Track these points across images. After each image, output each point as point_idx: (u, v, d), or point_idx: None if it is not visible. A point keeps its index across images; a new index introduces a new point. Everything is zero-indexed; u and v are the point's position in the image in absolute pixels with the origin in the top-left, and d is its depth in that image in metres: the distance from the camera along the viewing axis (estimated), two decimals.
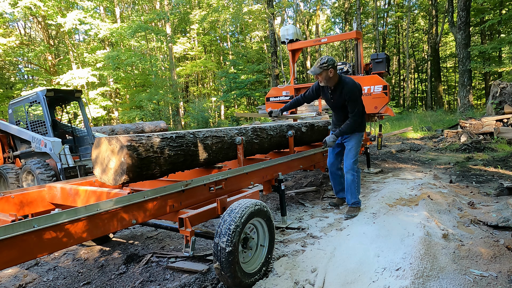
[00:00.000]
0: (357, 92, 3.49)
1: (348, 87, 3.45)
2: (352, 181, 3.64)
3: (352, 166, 3.63)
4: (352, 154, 3.64)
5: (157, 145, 2.44)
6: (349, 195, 3.70)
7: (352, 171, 3.63)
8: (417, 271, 2.15)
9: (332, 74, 3.43)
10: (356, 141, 3.67)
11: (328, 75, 3.43)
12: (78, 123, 14.87)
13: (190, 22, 23.56)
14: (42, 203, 2.76)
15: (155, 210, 2.25)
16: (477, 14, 19.16)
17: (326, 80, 3.47)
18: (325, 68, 3.40)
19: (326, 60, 3.40)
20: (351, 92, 3.44)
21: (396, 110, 21.32)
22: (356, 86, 3.49)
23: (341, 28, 32.30)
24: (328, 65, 3.39)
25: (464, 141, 8.76)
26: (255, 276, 2.33)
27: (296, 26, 7.01)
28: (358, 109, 3.51)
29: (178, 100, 22.10)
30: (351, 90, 3.44)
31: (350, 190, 3.67)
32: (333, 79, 3.47)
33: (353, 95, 3.45)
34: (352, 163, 3.63)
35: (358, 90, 3.50)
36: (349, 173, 3.64)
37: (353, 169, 3.63)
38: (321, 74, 3.44)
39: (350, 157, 3.65)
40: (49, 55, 20.45)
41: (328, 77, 3.44)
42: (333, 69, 3.41)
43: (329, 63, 3.39)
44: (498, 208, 3.42)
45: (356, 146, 3.65)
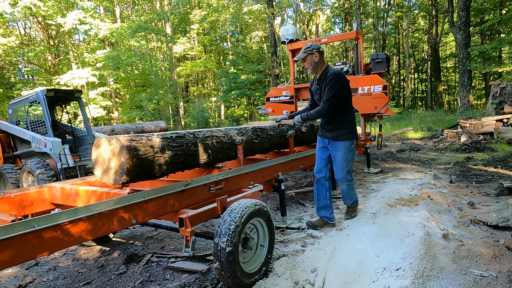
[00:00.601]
0: (338, 80, 3.12)
1: (330, 73, 3.16)
2: (347, 190, 3.43)
3: (346, 177, 3.35)
4: (343, 164, 3.31)
5: (157, 145, 2.44)
6: (347, 199, 3.52)
7: (346, 181, 3.37)
8: (417, 271, 2.15)
9: (318, 59, 3.20)
10: (344, 151, 3.30)
11: (313, 59, 3.20)
12: (78, 123, 14.87)
13: (190, 22, 23.56)
14: (42, 203, 2.76)
15: (155, 210, 2.25)
16: (477, 14, 19.16)
17: (312, 67, 3.24)
18: (309, 52, 3.18)
19: (311, 45, 3.21)
20: (330, 78, 3.13)
21: (396, 110, 21.32)
22: (339, 74, 3.16)
23: (341, 28, 32.31)
24: (313, 49, 3.17)
25: (464, 141, 8.76)
26: (255, 276, 2.33)
27: (296, 26, 7.01)
28: (332, 97, 3.11)
29: (178, 100, 22.10)
30: (332, 76, 3.13)
31: (347, 195, 3.48)
32: (319, 65, 3.24)
33: (331, 81, 3.12)
34: (346, 174, 3.34)
35: (341, 79, 3.15)
36: (343, 183, 3.39)
37: (346, 179, 3.37)
38: (306, 60, 3.23)
39: (342, 167, 3.32)
40: (49, 55, 20.46)
41: (314, 63, 3.21)
42: (318, 54, 3.18)
43: (314, 47, 3.19)
44: (498, 208, 3.42)
45: (345, 156, 3.29)
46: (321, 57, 3.22)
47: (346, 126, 3.29)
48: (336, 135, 3.30)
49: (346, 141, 3.29)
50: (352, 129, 3.32)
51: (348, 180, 3.38)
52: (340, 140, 3.30)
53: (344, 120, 3.30)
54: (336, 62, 6.74)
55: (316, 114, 3.25)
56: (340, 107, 3.24)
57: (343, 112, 3.29)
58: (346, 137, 3.29)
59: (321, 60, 3.24)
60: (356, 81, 5.98)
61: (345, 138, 3.28)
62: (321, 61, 3.23)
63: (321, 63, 3.24)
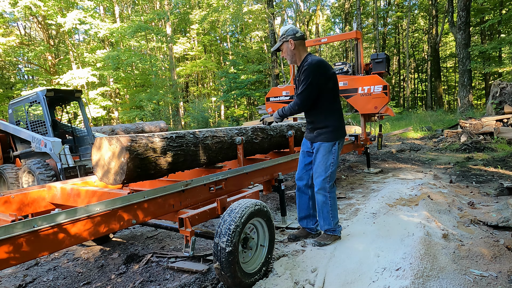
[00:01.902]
0: (313, 70, 2.65)
1: (307, 62, 2.70)
2: (323, 203, 2.84)
3: (323, 185, 2.80)
4: (320, 170, 2.81)
5: (157, 145, 2.44)
6: (321, 220, 2.91)
7: (322, 191, 2.82)
8: (417, 271, 2.15)
9: (294, 47, 2.76)
10: (322, 153, 2.81)
11: (289, 47, 2.77)
12: (78, 123, 14.87)
13: (190, 22, 23.57)
14: (42, 203, 2.76)
15: (155, 210, 2.25)
16: (477, 14, 19.18)
17: (290, 56, 2.81)
18: (284, 40, 2.78)
19: (285, 31, 2.78)
20: (305, 68, 2.67)
21: (396, 110, 21.33)
22: (316, 62, 2.67)
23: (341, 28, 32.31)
24: (287, 36, 2.75)
25: (464, 141, 8.76)
26: (255, 276, 2.33)
27: (296, 26, 7.01)
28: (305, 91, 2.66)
29: (178, 100, 22.12)
30: (306, 66, 2.68)
31: (322, 213, 2.88)
32: (297, 54, 2.79)
33: (305, 71, 2.66)
34: (322, 181, 2.80)
35: (317, 67, 2.66)
36: (319, 194, 2.85)
37: (324, 189, 2.81)
38: (282, 49, 2.84)
39: (319, 173, 2.82)
40: (49, 55, 20.46)
41: (290, 51, 2.78)
42: (293, 40, 2.74)
43: (288, 33, 2.75)
44: (498, 208, 3.43)
45: (323, 160, 2.79)
46: (298, 44, 2.77)
47: (326, 125, 2.82)
48: (316, 135, 2.88)
49: (325, 142, 2.81)
50: (333, 128, 2.81)
51: (325, 191, 2.81)
52: (318, 141, 2.85)
53: (324, 117, 2.83)
54: (336, 62, 6.74)
55: (288, 110, 2.85)
56: (318, 101, 2.78)
57: (323, 107, 2.81)
58: (325, 137, 2.81)
59: (299, 48, 2.79)
60: (356, 81, 5.99)
61: (323, 138, 2.82)
62: (298, 48, 2.79)
63: (299, 51, 2.79)
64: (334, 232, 2.89)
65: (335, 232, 2.90)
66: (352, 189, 5.08)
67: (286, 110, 2.90)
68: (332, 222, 2.86)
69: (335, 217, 2.88)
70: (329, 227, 2.88)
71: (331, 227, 2.88)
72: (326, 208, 2.83)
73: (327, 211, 2.84)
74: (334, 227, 2.89)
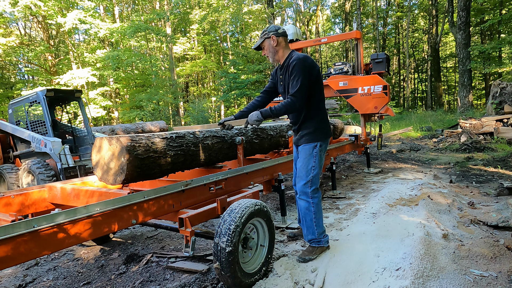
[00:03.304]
0: (304, 66, 2.50)
1: (295, 58, 2.55)
2: (306, 210, 2.65)
3: (304, 190, 2.63)
4: (301, 174, 2.65)
5: (157, 145, 2.44)
6: (304, 229, 2.72)
7: (304, 196, 2.65)
8: (417, 271, 2.15)
9: (276, 43, 2.62)
10: (304, 156, 2.65)
11: (271, 44, 2.63)
12: (78, 123, 14.87)
13: (190, 22, 23.58)
14: (42, 203, 2.76)
15: (155, 210, 2.25)
16: (477, 14, 19.18)
17: (272, 54, 2.67)
18: (265, 37, 2.64)
19: (267, 28, 2.66)
20: (295, 63, 2.51)
21: (396, 110, 21.33)
22: (304, 58, 2.54)
23: (341, 28, 32.31)
24: (269, 32, 2.62)
25: (464, 141, 8.76)
26: (255, 276, 2.33)
27: (296, 26, 7.01)
28: (300, 87, 2.48)
29: (178, 100, 22.12)
30: (296, 61, 2.52)
31: (305, 221, 2.68)
32: (279, 51, 2.66)
33: (295, 68, 2.50)
34: (303, 186, 2.63)
35: (309, 65, 2.53)
36: (301, 200, 2.68)
37: (305, 194, 2.64)
38: (263, 46, 2.68)
39: (301, 177, 2.65)
40: (49, 55, 20.47)
41: (273, 48, 2.64)
42: (276, 37, 2.60)
43: (270, 29, 2.63)
44: (498, 208, 3.43)
45: (305, 162, 2.63)
46: (281, 41, 2.65)
47: (309, 126, 2.67)
48: (299, 137, 2.75)
49: (306, 144, 2.66)
50: (315, 128, 2.65)
51: (307, 196, 2.63)
52: (301, 144, 2.71)
53: (309, 117, 2.68)
54: (336, 62, 6.74)
55: (283, 109, 2.56)
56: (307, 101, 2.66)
57: (310, 107, 2.67)
58: (306, 139, 2.66)
59: (282, 45, 2.66)
60: (356, 81, 5.99)
61: (305, 140, 2.68)
62: (281, 45, 2.66)
63: (282, 48, 2.67)
64: (319, 243, 2.66)
65: (321, 243, 2.66)
66: (352, 189, 5.08)
67: (278, 110, 2.57)
68: (316, 231, 2.64)
69: (319, 226, 2.65)
70: (313, 237, 2.65)
71: (315, 237, 2.65)
72: (309, 215, 2.63)
73: (310, 219, 2.63)
74: (318, 237, 2.65)
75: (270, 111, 2.60)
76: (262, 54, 2.76)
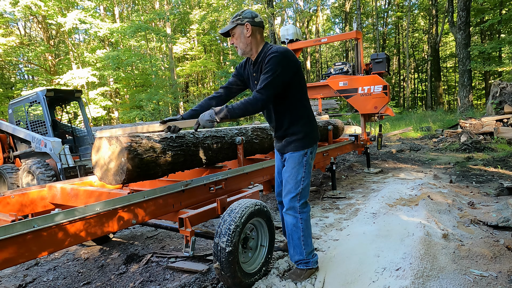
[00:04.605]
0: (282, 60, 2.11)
1: (272, 51, 2.14)
2: (293, 227, 2.30)
3: (292, 204, 2.28)
4: (289, 186, 2.28)
5: (157, 145, 2.44)
6: (291, 248, 2.36)
7: (292, 211, 2.29)
8: (417, 271, 2.15)
9: (250, 33, 2.18)
10: (291, 165, 2.29)
11: (244, 33, 2.19)
12: (78, 123, 14.87)
13: (190, 22, 23.57)
14: (42, 203, 2.76)
15: (155, 210, 2.25)
16: (477, 14, 19.18)
17: (243, 44, 2.22)
18: (238, 22, 2.18)
19: (241, 12, 2.21)
20: (271, 57, 2.11)
21: (396, 110, 21.34)
22: (284, 52, 2.13)
23: (341, 28, 32.32)
24: (244, 18, 2.18)
25: (464, 141, 8.77)
26: (255, 276, 2.33)
27: (296, 26, 7.02)
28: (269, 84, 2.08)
29: (178, 100, 22.11)
30: (272, 55, 2.11)
31: (292, 240, 2.33)
32: (253, 43, 2.22)
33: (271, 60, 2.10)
34: (291, 200, 2.28)
35: (286, 58, 2.13)
36: (288, 215, 2.32)
37: (293, 209, 2.29)
38: (234, 33, 2.22)
39: (288, 190, 2.29)
40: (49, 55, 20.47)
41: (245, 39, 2.20)
42: (251, 26, 2.17)
43: (245, 15, 2.18)
44: (498, 208, 3.43)
45: (295, 173, 2.27)
46: (255, 31, 2.20)
47: (295, 131, 2.29)
48: (285, 144, 2.35)
49: (294, 152, 2.29)
50: (304, 134, 2.28)
51: (295, 211, 2.28)
52: (288, 151, 2.33)
53: (292, 120, 2.29)
54: (336, 62, 6.75)
55: (243, 107, 2.12)
56: (286, 100, 2.25)
57: (291, 108, 2.28)
58: (294, 147, 2.29)
59: (257, 36, 2.22)
60: (356, 81, 5.99)
61: (292, 148, 2.30)
62: (256, 36, 2.21)
63: (256, 39, 2.22)
64: (307, 264, 2.33)
65: (309, 265, 2.33)
66: (352, 189, 5.08)
67: (235, 109, 2.12)
68: (304, 251, 2.30)
69: (308, 245, 2.31)
70: (300, 257, 2.32)
71: (303, 258, 2.31)
72: (297, 233, 2.29)
73: (298, 237, 2.29)
74: (307, 258, 2.32)
75: (227, 109, 2.11)
76: (230, 42, 2.30)
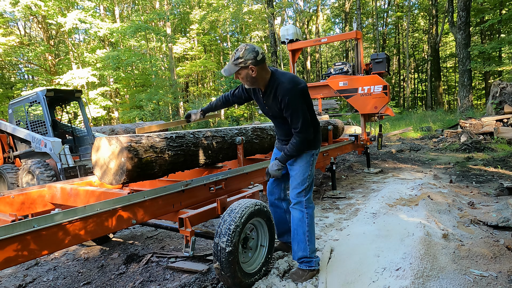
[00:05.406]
0: (298, 94, 2.25)
1: (283, 87, 2.24)
2: (299, 221, 2.40)
3: (299, 199, 2.41)
4: (297, 181, 2.42)
5: (157, 145, 2.44)
6: (295, 244, 2.44)
7: (298, 206, 2.41)
8: (417, 271, 2.15)
9: (256, 73, 2.23)
10: (302, 163, 2.44)
11: (249, 74, 2.24)
12: (78, 123, 14.87)
13: (190, 22, 23.58)
14: (42, 203, 2.76)
15: (155, 210, 2.26)
16: (477, 14, 19.17)
17: (250, 82, 2.31)
18: (242, 66, 2.21)
19: (243, 53, 2.18)
20: (288, 96, 2.22)
21: (396, 110, 21.33)
22: (295, 85, 2.25)
23: (341, 28, 32.32)
24: (246, 60, 2.18)
25: (464, 141, 8.76)
26: (255, 276, 2.33)
27: (296, 26, 7.02)
28: (303, 121, 2.27)
29: (178, 100, 22.11)
30: (287, 92, 2.22)
31: (296, 235, 2.42)
32: (260, 79, 2.29)
33: (291, 101, 2.23)
34: (298, 195, 2.41)
35: (300, 91, 2.27)
36: (295, 209, 2.43)
37: (300, 204, 2.40)
38: (239, 74, 2.28)
39: (294, 186, 2.44)
40: (49, 55, 20.46)
41: (251, 78, 2.26)
42: (254, 66, 2.20)
43: (247, 57, 2.18)
44: (498, 208, 3.43)
45: (303, 170, 2.42)
46: (260, 68, 2.24)
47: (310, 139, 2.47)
48: None
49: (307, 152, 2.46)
50: (316, 137, 2.49)
51: (301, 206, 2.41)
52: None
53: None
54: (336, 62, 6.75)
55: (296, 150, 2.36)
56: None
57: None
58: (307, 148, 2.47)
59: (262, 72, 2.27)
60: (356, 81, 5.99)
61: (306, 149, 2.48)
62: (261, 73, 2.26)
63: (262, 75, 2.28)
64: (309, 264, 2.39)
65: (311, 264, 2.40)
66: (352, 189, 5.08)
67: (292, 151, 2.37)
68: (308, 247, 2.39)
69: (312, 242, 2.41)
70: (303, 254, 2.39)
71: (307, 255, 2.39)
72: (302, 228, 2.39)
73: (303, 232, 2.38)
74: (310, 256, 2.40)
75: (286, 156, 2.39)
76: (235, 78, 2.37)
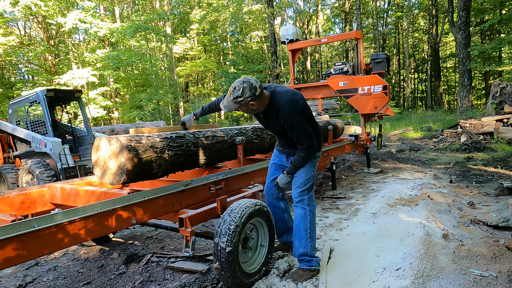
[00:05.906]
0: (299, 114, 2.36)
1: (284, 110, 2.34)
2: (301, 218, 2.50)
3: (301, 197, 2.52)
4: (300, 181, 2.52)
5: (157, 145, 2.44)
6: (296, 241, 2.51)
7: (301, 203, 2.52)
8: (417, 271, 2.15)
9: (256, 106, 2.34)
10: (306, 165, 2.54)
11: (250, 108, 2.36)
12: (78, 123, 14.87)
13: (190, 22, 23.57)
14: (42, 203, 2.76)
15: (155, 210, 2.26)
16: (477, 14, 19.17)
17: (251, 113, 2.46)
18: (242, 103, 2.30)
19: (241, 92, 2.26)
20: (291, 119, 2.34)
21: (396, 110, 21.32)
22: (295, 106, 2.34)
23: (341, 28, 32.31)
24: (246, 99, 2.26)
25: (464, 141, 8.76)
26: (255, 276, 2.33)
27: (296, 26, 7.02)
28: (308, 137, 2.40)
29: (178, 100, 22.11)
30: (289, 114, 2.33)
31: (298, 231, 2.51)
32: (260, 106, 2.39)
33: (294, 121, 2.35)
34: (301, 193, 2.51)
35: (300, 109, 2.36)
36: (297, 207, 2.53)
37: (303, 202, 2.52)
38: (240, 108, 2.39)
39: (298, 184, 2.52)
40: (49, 55, 20.46)
41: (252, 110, 2.40)
42: (253, 101, 2.29)
43: (247, 95, 2.25)
44: (498, 208, 3.43)
45: (306, 171, 2.52)
46: (259, 100, 2.33)
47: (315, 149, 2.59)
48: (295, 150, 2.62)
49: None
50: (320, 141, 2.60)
51: (303, 203, 2.51)
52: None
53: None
54: (336, 62, 6.75)
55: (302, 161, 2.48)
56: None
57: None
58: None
59: (262, 101, 2.36)
60: (356, 81, 5.99)
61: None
62: (261, 102, 2.36)
63: (261, 103, 2.38)
64: (310, 263, 2.45)
65: (312, 263, 2.46)
66: (352, 189, 5.08)
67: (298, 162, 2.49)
68: (309, 244, 2.46)
69: (313, 239, 2.49)
70: (304, 250, 2.46)
71: (308, 252, 2.45)
72: (304, 224, 2.48)
73: (305, 229, 2.48)
74: (310, 253, 2.46)
75: (295, 167, 2.50)
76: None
